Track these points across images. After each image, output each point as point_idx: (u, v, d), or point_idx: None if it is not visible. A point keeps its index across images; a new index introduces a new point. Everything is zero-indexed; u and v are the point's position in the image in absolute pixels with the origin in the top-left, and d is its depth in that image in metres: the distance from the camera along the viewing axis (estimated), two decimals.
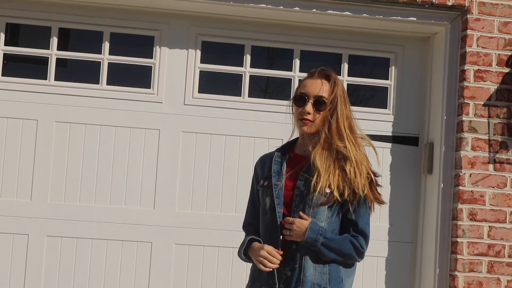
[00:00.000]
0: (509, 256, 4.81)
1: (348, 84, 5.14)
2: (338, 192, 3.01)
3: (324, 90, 3.10)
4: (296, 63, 5.11)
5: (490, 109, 4.87)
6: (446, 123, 4.93)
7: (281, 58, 5.16)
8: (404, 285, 5.09)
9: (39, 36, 4.95)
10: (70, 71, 5.02)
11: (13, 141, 4.84)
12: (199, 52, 5.04)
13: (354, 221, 3.07)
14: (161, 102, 4.97)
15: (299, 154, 3.17)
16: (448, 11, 4.94)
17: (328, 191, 3.01)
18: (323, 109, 3.08)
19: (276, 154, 3.19)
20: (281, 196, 3.09)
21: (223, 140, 4.99)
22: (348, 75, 5.15)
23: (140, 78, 5.00)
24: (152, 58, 5.00)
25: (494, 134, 4.87)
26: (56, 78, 4.93)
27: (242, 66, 5.08)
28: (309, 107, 3.09)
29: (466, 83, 4.88)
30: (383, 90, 5.21)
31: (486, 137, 4.86)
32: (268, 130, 4.97)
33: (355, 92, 5.22)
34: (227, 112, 5.00)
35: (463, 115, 4.86)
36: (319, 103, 3.09)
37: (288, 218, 3.04)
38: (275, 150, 3.22)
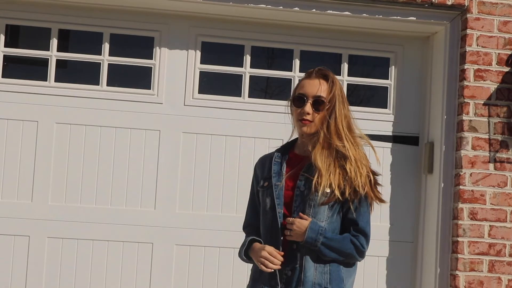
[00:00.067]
0: (510, 255, 4.81)
1: (348, 84, 5.14)
2: (339, 191, 3.01)
3: (323, 90, 3.10)
4: (296, 63, 5.11)
5: (490, 108, 4.87)
6: (446, 123, 4.92)
7: (281, 58, 5.15)
8: (405, 285, 5.08)
9: (39, 38, 4.94)
10: (70, 72, 5.01)
11: (14, 143, 4.83)
12: (199, 53, 5.04)
13: (355, 220, 3.07)
14: (161, 103, 4.96)
15: (299, 154, 3.17)
16: (448, 11, 4.94)
17: (329, 191, 3.01)
18: (322, 109, 3.08)
19: (276, 155, 3.19)
20: (282, 197, 3.09)
21: (223, 141, 4.99)
22: (348, 75, 5.15)
23: (140, 79, 4.99)
24: (152, 59, 5.00)
25: (494, 133, 4.86)
26: (56, 80, 4.93)
27: (242, 67, 5.08)
28: (308, 108, 3.09)
29: (466, 83, 4.88)
30: (383, 90, 5.21)
31: (487, 137, 4.86)
32: (268, 130, 4.97)
33: (355, 92, 5.22)
34: (227, 113, 5.00)
35: (463, 115, 4.86)
36: (318, 103, 3.09)
37: (288, 219, 3.04)
38: (275, 151, 3.23)
